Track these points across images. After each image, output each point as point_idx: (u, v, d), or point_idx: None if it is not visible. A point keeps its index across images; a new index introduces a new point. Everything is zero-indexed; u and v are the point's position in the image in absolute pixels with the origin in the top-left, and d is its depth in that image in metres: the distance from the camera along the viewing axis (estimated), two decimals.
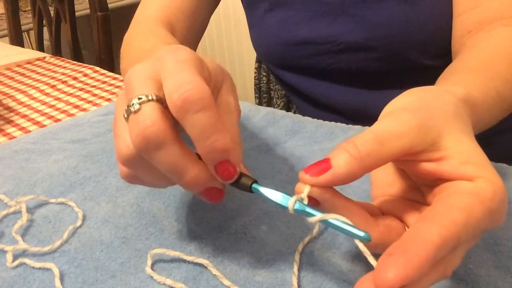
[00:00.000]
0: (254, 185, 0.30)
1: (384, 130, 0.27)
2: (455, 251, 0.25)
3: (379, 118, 0.30)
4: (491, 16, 0.48)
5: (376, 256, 0.25)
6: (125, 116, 0.29)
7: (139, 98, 0.29)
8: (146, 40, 0.52)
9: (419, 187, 0.31)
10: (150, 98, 0.28)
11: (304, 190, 0.27)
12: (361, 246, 0.26)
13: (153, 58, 0.31)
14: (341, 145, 0.27)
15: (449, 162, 0.27)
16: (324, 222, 0.27)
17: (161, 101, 0.29)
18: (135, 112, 0.28)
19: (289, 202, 0.28)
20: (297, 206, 0.28)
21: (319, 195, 0.27)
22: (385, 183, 0.32)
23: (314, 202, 0.28)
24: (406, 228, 0.30)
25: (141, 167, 0.30)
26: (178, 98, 0.27)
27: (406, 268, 0.22)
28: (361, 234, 0.25)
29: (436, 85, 0.42)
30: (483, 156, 0.28)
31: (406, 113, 0.28)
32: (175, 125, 0.29)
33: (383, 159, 0.27)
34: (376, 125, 0.28)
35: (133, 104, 0.29)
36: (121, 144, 0.30)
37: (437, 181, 0.28)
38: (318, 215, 0.27)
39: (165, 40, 0.51)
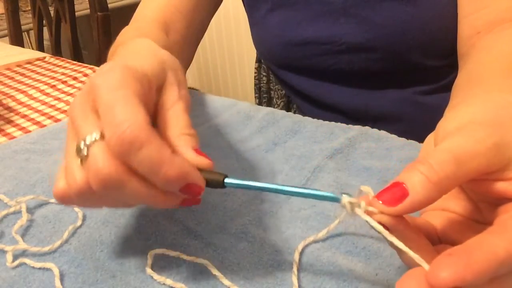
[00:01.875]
0: (227, 180, 0.30)
1: (461, 149, 0.25)
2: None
3: (446, 132, 0.27)
4: (501, 16, 0.48)
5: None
6: (79, 160, 0.30)
7: (84, 141, 0.29)
8: (126, 35, 0.53)
9: (476, 204, 0.29)
10: (95, 138, 0.28)
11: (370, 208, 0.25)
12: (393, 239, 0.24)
13: (87, 85, 0.31)
14: (413, 166, 0.25)
15: None
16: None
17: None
18: (86, 156, 0.28)
19: (345, 201, 0.26)
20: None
21: (392, 226, 0.25)
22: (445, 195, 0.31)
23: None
24: None
25: (94, 198, 0.30)
26: (115, 144, 0.27)
27: (464, 271, 0.21)
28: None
29: (461, 90, 0.41)
30: None
31: (481, 129, 0.26)
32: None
33: (459, 180, 0.25)
34: (449, 142, 0.25)
35: (82, 149, 0.29)
36: (72, 179, 0.30)
37: (504, 200, 0.26)
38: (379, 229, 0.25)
39: (147, 35, 0.51)
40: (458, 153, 0.24)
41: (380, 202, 0.25)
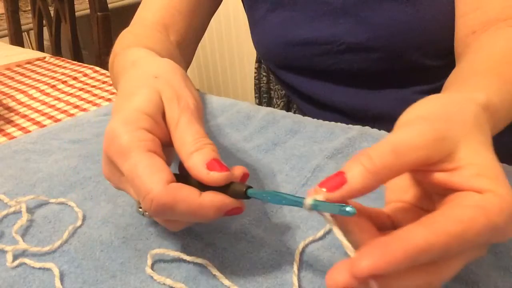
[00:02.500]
0: (250, 191, 0.31)
1: (401, 141, 0.26)
2: (447, 262, 0.25)
3: (397, 126, 0.29)
4: (496, 16, 0.48)
5: None
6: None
7: (140, 207, 0.36)
8: (125, 41, 0.55)
9: (431, 196, 0.30)
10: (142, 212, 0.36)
11: (318, 196, 0.27)
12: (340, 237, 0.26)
13: (103, 154, 0.34)
14: (355, 157, 0.26)
15: (461, 173, 0.26)
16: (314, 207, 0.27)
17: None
18: (148, 214, 0.35)
19: (306, 201, 0.28)
20: (312, 202, 0.27)
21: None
22: (400, 188, 0.32)
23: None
24: None
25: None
26: (150, 212, 0.31)
27: (378, 260, 0.22)
28: (349, 210, 0.26)
29: (447, 89, 0.42)
30: (499, 169, 0.27)
31: (424, 123, 0.28)
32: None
33: (398, 171, 0.26)
34: (393, 135, 0.27)
35: (143, 213, 0.37)
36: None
37: (448, 190, 0.27)
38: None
39: (144, 41, 0.54)
40: (397, 145, 0.26)
41: (324, 189, 0.27)
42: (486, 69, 0.41)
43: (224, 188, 0.31)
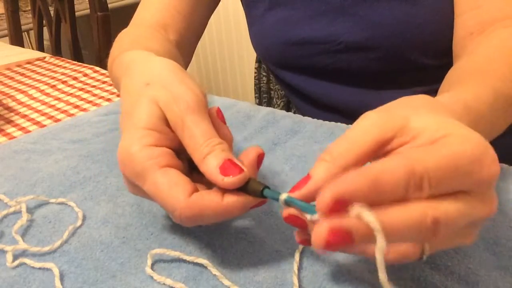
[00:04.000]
0: (266, 191, 0.31)
1: (352, 130, 0.29)
2: (431, 199, 0.25)
3: None
4: (493, 16, 0.48)
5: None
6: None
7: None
8: (122, 44, 0.54)
9: None
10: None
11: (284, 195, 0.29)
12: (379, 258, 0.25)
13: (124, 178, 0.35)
14: (319, 157, 0.29)
15: (421, 136, 0.27)
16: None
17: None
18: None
19: (280, 196, 0.29)
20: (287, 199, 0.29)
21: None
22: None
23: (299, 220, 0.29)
24: None
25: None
26: (180, 222, 0.32)
27: (336, 189, 0.23)
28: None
29: (439, 93, 0.42)
30: (460, 123, 0.28)
31: (372, 112, 0.30)
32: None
33: (358, 155, 0.27)
34: (346, 131, 0.29)
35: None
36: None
37: None
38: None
39: (143, 42, 0.53)
40: (349, 134, 0.29)
41: (294, 193, 0.28)
42: (474, 70, 0.42)
43: (243, 186, 0.31)
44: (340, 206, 0.23)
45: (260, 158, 0.33)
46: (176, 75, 0.36)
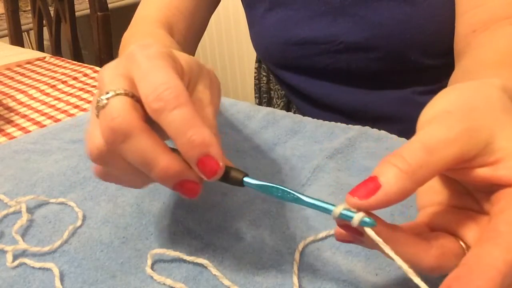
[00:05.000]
0: (246, 179, 0.29)
1: (432, 138, 0.24)
2: None
3: (422, 123, 0.27)
4: (497, 14, 0.48)
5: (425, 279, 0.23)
6: (96, 113, 0.30)
7: (107, 93, 0.29)
8: (143, 40, 0.52)
9: (471, 193, 0.28)
10: (117, 92, 0.29)
11: (356, 215, 0.25)
12: (407, 269, 0.23)
13: (124, 55, 0.31)
14: (386, 159, 0.24)
15: (506, 165, 0.24)
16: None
17: (131, 95, 0.29)
18: (103, 107, 0.29)
19: (335, 209, 0.25)
20: (343, 212, 0.25)
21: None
22: (431, 190, 0.30)
23: (359, 232, 0.26)
24: (462, 244, 0.27)
25: (112, 162, 0.30)
26: (153, 100, 0.27)
27: None
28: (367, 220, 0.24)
29: (452, 83, 0.41)
30: None
31: (451, 116, 0.26)
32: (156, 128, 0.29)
33: (435, 170, 0.24)
34: (421, 133, 0.25)
35: (101, 99, 0.29)
36: (91, 141, 0.30)
37: (494, 187, 0.25)
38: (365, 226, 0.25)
39: (163, 42, 0.51)
40: (428, 142, 0.24)
41: (355, 198, 0.24)
42: (495, 62, 0.40)
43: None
44: None
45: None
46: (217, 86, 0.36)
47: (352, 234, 0.26)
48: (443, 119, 0.26)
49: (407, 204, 0.38)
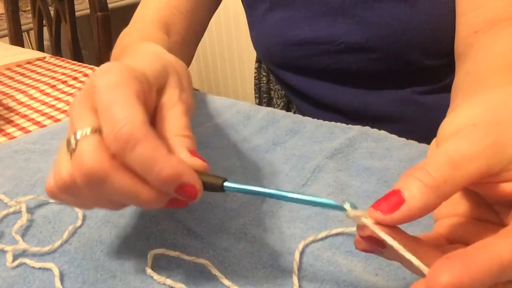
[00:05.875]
0: (226, 184, 0.29)
1: (457, 151, 0.24)
2: None
3: (445, 135, 0.27)
4: (498, 15, 0.48)
5: None
6: (67, 153, 0.30)
7: (75, 134, 0.29)
8: (130, 38, 0.53)
9: (490, 205, 0.28)
10: (85, 133, 0.28)
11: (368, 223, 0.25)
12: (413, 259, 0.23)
13: (87, 85, 0.31)
14: (409, 173, 0.24)
15: None
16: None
17: (98, 131, 0.29)
18: (74, 150, 0.29)
19: (348, 209, 0.26)
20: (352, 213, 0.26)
21: (388, 236, 0.24)
22: (450, 201, 0.28)
23: (375, 241, 0.25)
24: None
25: (80, 194, 0.30)
26: (112, 141, 0.27)
27: (461, 273, 0.20)
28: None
29: (461, 89, 0.40)
30: None
31: (477, 130, 0.25)
32: None
33: (460, 185, 0.23)
34: (445, 146, 0.25)
35: (71, 143, 0.29)
36: (58, 173, 0.30)
37: None
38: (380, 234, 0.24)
39: (151, 39, 0.51)
40: (454, 156, 0.24)
41: (378, 212, 0.24)
42: (502, 67, 0.39)
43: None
44: None
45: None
46: (187, 78, 0.37)
47: (373, 244, 0.26)
48: (469, 132, 0.25)
49: None
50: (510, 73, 0.38)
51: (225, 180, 0.30)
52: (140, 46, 0.40)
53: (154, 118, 0.33)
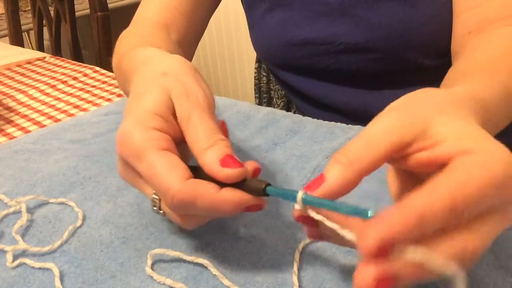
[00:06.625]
0: (269, 188, 0.30)
1: (371, 130, 0.27)
2: (468, 227, 0.24)
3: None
4: (492, 16, 0.48)
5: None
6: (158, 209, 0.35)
7: (154, 201, 0.34)
8: (129, 42, 0.54)
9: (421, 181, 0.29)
10: (156, 200, 0.34)
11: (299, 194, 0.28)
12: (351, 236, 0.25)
13: (119, 155, 0.34)
14: (333, 157, 0.27)
15: (442, 145, 0.26)
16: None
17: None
18: (163, 212, 0.35)
19: (297, 196, 0.28)
20: (305, 197, 0.28)
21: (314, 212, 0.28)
22: (396, 188, 0.31)
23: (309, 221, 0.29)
24: None
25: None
26: (171, 207, 0.32)
27: (380, 232, 0.22)
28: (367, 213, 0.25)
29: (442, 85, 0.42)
30: (484, 132, 0.26)
31: (392, 111, 0.28)
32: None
33: (375, 159, 0.26)
34: (365, 128, 0.28)
35: (156, 204, 0.35)
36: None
37: (437, 170, 0.26)
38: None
39: (151, 43, 0.52)
40: (367, 134, 0.27)
41: (307, 192, 0.27)
42: (480, 65, 0.41)
43: (240, 185, 0.31)
44: (385, 249, 0.22)
45: (256, 171, 0.33)
46: (191, 73, 0.37)
47: (308, 225, 0.29)
48: (384, 114, 0.29)
49: None
50: (474, 74, 0.39)
51: (268, 184, 0.31)
52: (141, 70, 0.40)
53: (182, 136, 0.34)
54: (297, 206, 0.28)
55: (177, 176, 0.30)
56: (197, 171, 0.32)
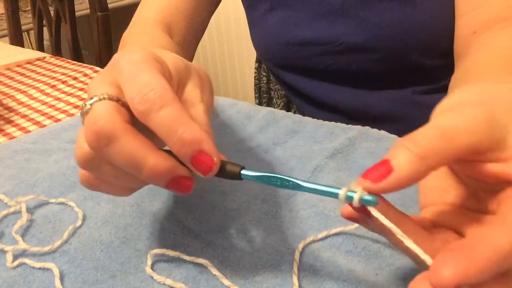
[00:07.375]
0: (243, 171, 0.29)
1: (449, 125, 0.24)
2: None
3: (437, 113, 0.27)
4: (496, 16, 0.48)
5: None
6: (82, 120, 0.30)
7: (91, 99, 0.29)
8: (139, 40, 0.53)
9: (475, 193, 0.28)
10: (101, 97, 0.29)
11: (357, 191, 0.25)
12: (415, 247, 0.23)
13: (110, 63, 0.31)
14: (400, 143, 0.24)
15: None
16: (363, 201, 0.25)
17: (116, 99, 0.29)
18: (87, 112, 0.29)
19: (341, 192, 0.25)
20: (349, 194, 0.25)
21: (379, 207, 0.25)
22: (437, 189, 0.29)
23: (365, 212, 0.25)
24: None
25: (99, 167, 0.30)
26: (139, 102, 0.28)
27: (467, 268, 0.20)
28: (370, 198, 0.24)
29: (457, 87, 0.41)
30: None
31: (470, 107, 0.25)
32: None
33: (449, 157, 0.24)
34: (439, 120, 0.25)
35: (85, 105, 0.29)
36: (78, 147, 0.30)
37: (502, 184, 0.24)
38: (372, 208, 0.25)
39: (158, 41, 0.51)
40: (446, 128, 0.24)
41: (368, 181, 0.24)
42: (500, 66, 0.39)
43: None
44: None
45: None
46: (208, 82, 0.36)
47: (359, 213, 0.26)
48: (463, 108, 0.25)
49: (406, 205, 0.38)
50: (506, 72, 0.38)
51: (243, 167, 0.29)
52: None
53: None
54: (355, 204, 0.25)
55: (164, 81, 0.28)
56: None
